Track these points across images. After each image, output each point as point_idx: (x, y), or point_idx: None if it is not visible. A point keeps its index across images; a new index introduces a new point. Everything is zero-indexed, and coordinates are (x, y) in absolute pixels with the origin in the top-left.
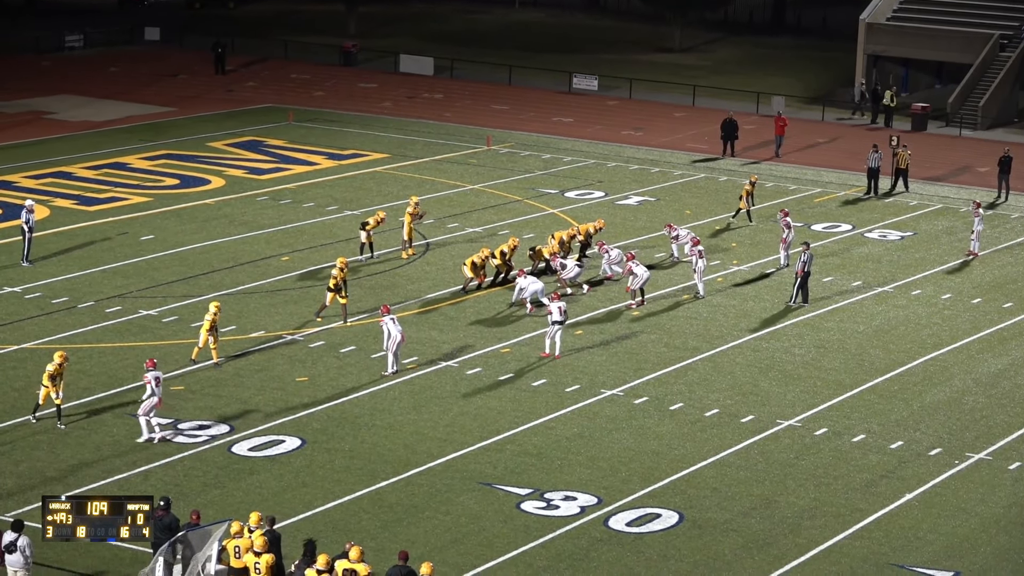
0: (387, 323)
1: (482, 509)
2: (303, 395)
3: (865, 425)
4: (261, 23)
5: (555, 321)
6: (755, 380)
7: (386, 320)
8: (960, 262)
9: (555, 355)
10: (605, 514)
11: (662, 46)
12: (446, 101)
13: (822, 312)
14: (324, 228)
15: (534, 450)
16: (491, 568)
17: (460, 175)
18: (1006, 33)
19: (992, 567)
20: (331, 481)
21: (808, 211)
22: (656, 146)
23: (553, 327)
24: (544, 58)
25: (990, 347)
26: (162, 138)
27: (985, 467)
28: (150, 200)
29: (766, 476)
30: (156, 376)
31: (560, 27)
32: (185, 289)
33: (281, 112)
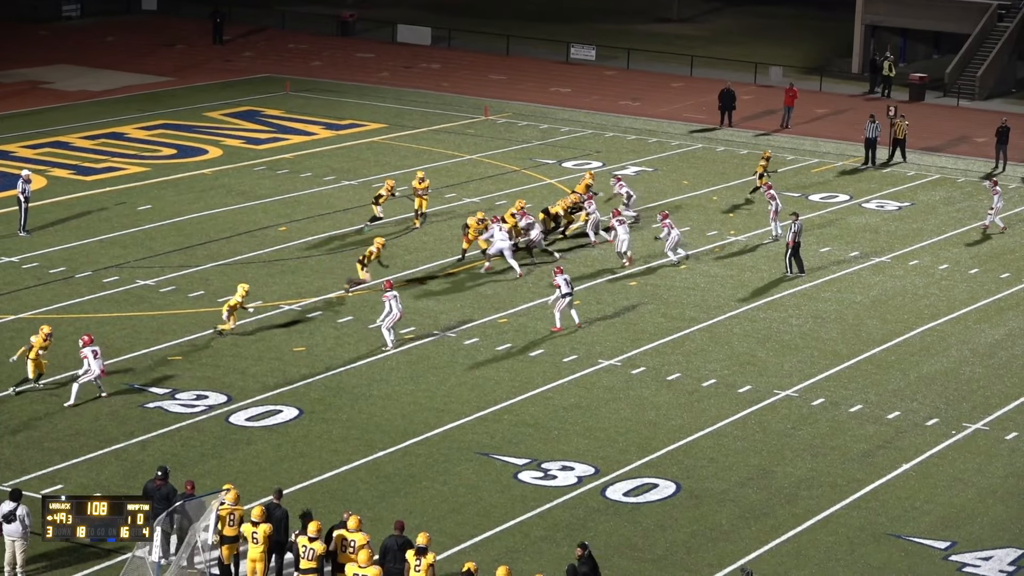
0: (389, 299)
1: (479, 479)
2: (301, 365)
3: (862, 395)
4: None
5: (565, 294)
6: (752, 350)
7: (388, 296)
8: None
9: (577, 324)
10: (602, 484)
11: (660, 16)
12: (444, 71)
13: (819, 282)
14: (321, 198)
15: (531, 420)
16: (488, 538)
17: (458, 145)
18: (1004, 3)
19: (988, 537)
20: (328, 451)
21: (806, 181)
22: (654, 116)
23: (563, 300)
24: (542, 28)
25: (987, 317)
26: (159, 108)
27: (982, 437)
28: (147, 170)
29: (763, 446)
30: (93, 351)
31: None
32: (182, 259)
33: (278, 82)
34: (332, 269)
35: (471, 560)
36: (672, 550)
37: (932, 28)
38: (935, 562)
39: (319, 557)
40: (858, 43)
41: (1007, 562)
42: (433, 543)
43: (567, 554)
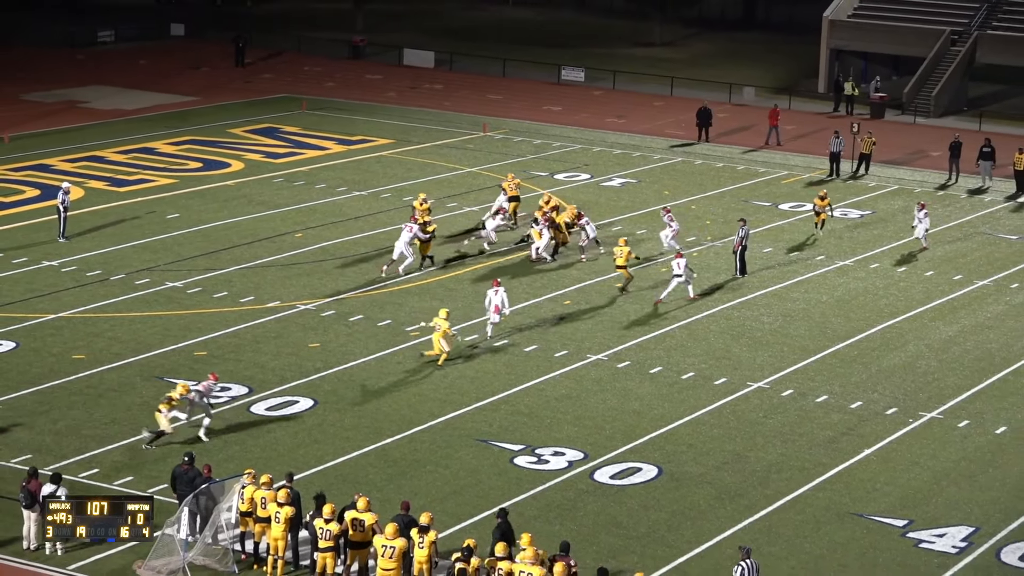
0: (490, 295)
1: (478, 463)
2: (315, 360)
3: (828, 387)
4: (276, 19)
5: (675, 275)
6: (727, 346)
7: (490, 293)
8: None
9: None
10: (591, 468)
11: (643, 41)
12: (446, 91)
13: (788, 284)
14: (334, 207)
15: (526, 410)
16: (487, 517)
17: (458, 159)
18: (956, 29)
19: (943, 516)
20: (341, 438)
21: (776, 192)
22: (637, 132)
23: (674, 280)
24: (535, 52)
25: (941, 315)
26: (186, 125)
27: (937, 425)
28: (175, 182)
29: (737, 433)
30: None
31: (550, 24)
32: (207, 263)
33: (295, 101)
34: (344, 272)
35: (471, 537)
36: (654, 528)
37: (891, 52)
38: (894, 538)
39: (335, 536)
40: (823, 66)
41: (959, 538)
42: (435, 522)
43: (559, 532)
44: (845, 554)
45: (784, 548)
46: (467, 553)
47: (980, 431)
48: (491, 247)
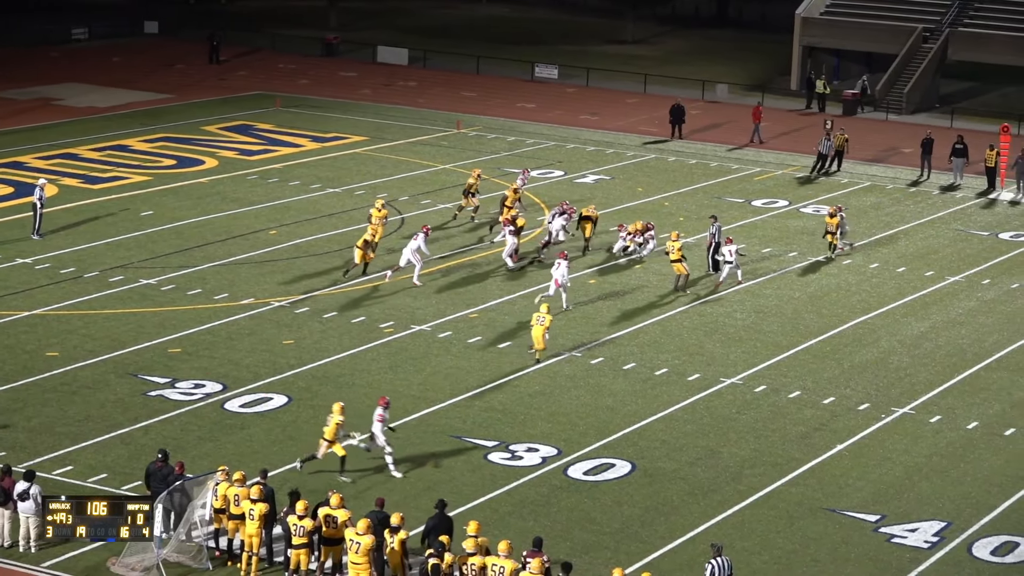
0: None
1: (453, 460)
2: (289, 356)
3: (800, 383)
4: (251, 17)
5: (727, 261)
6: (700, 342)
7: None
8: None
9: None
10: (564, 464)
11: (616, 38)
12: (420, 88)
13: (761, 280)
14: (308, 204)
15: (500, 406)
16: (461, 513)
17: (432, 156)
18: (928, 27)
19: (915, 511)
20: (315, 435)
21: (749, 188)
22: (611, 129)
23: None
24: (509, 49)
25: (913, 311)
26: (160, 122)
27: (908, 420)
28: (149, 179)
29: (710, 429)
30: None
31: (523, 21)
32: (181, 260)
33: (269, 99)
34: (318, 269)
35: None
36: (628, 524)
37: (863, 49)
38: (866, 533)
39: (309, 533)
40: (796, 63)
41: (931, 533)
42: (409, 518)
43: (533, 528)
44: (817, 549)
45: (757, 543)
46: (440, 549)
47: (952, 426)
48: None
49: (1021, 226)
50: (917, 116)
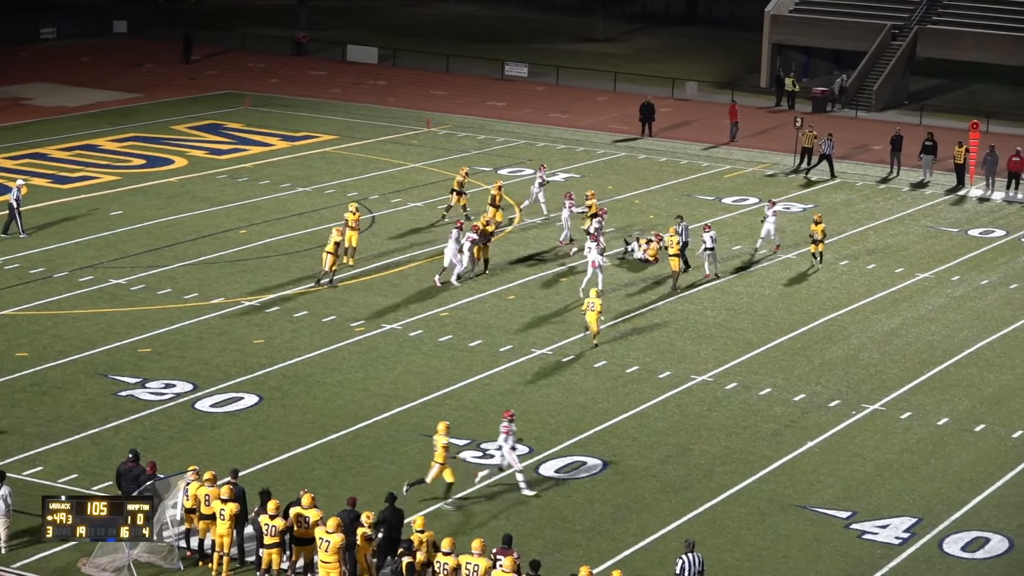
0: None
1: (424, 458)
2: (260, 356)
3: (771, 380)
4: (220, 16)
5: (707, 248)
6: (671, 339)
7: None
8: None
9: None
10: (536, 462)
11: (586, 36)
12: (390, 87)
13: (732, 278)
14: (279, 203)
15: (471, 404)
16: (433, 512)
17: (403, 155)
18: (897, 23)
19: (885, 506)
20: (286, 434)
21: (719, 186)
22: (581, 127)
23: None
24: (478, 48)
25: (883, 308)
26: (130, 122)
27: (879, 417)
28: (119, 179)
29: (682, 426)
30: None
31: (493, 20)
32: (151, 260)
33: (239, 98)
34: (288, 268)
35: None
36: (599, 521)
37: (833, 46)
38: (837, 530)
39: (280, 532)
40: (765, 60)
41: (902, 529)
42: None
43: (505, 526)
44: (789, 546)
45: (728, 540)
46: (408, 546)
47: (922, 423)
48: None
49: (990, 222)
50: (886, 113)
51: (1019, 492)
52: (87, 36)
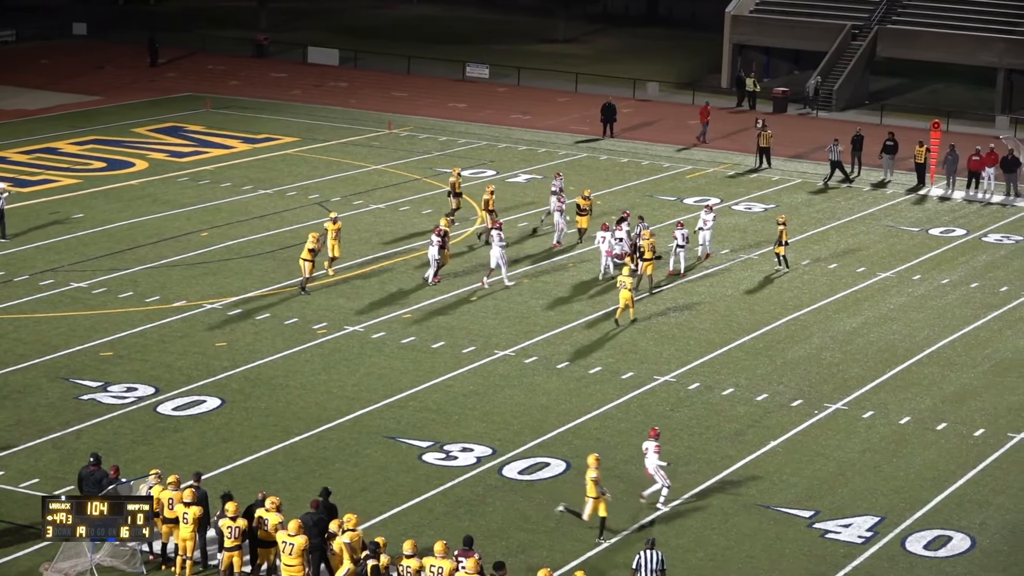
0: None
1: (387, 460)
2: (222, 359)
3: (733, 380)
4: (179, 18)
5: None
6: (634, 340)
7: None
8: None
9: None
10: (499, 463)
11: (547, 37)
12: (351, 89)
13: (694, 278)
14: (240, 206)
15: (434, 406)
16: (396, 514)
17: (364, 156)
18: (857, 23)
19: (848, 506)
20: (249, 437)
21: (680, 187)
22: (542, 128)
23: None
24: (439, 49)
25: (845, 307)
26: (90, 125)
27: (842, 416)
28: (79, 182)
29: (645, 427)
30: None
31: (454, 21)
32: (112, 263)
33: (199, 100)
34: (250, 270)
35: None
36: (563, 523)
37: (793, 47)
38: (800, 529)
39: (242, 533)
40: (726, 61)
41: (865, 528)
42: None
43: (467, 527)
44: (752, 545)
45: (691, 540)
46: (374, 548)
47: (884, 421)
48: None
49: (951, 222)
50: (847, 113)
51: (981, 490)
52: (47, 38)
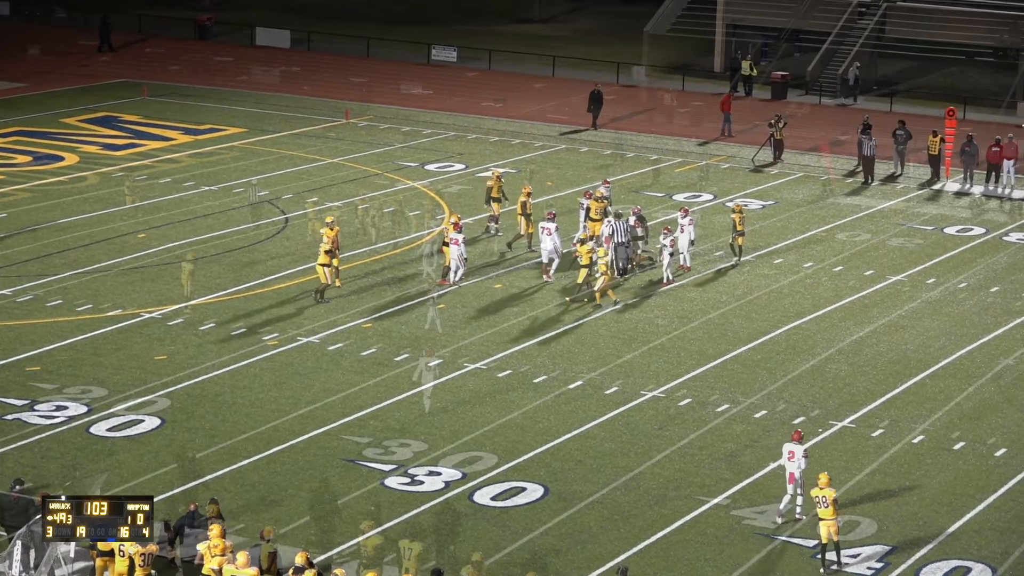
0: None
1: (346, 486)
2: (162, 373)
3: (729, 395)
4: None
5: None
6: (619, 351)
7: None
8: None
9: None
10: (470, 488)
11: (521, 16)
12: (304, 74)
13: (684, 282)
14: (181, 204)
15: (397, 425)
16: (356, 545)
17: (319, 149)
18: (864, 1)
19: (856, 534)
20: (192, 461)
21: (670, 181)
22: (516, 117)
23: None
24: (402, 30)
25: (852, 315)
26: (13, 114)
27: (849, 434)
28: (2, 178)
29: (631, 447)
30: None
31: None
32: (40, 268)
33: (135, 87)
34: (193, 275)
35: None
36: (540, 554)
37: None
38: (805, 560)
39: None
40: (719, 42)
41: (875, 559)
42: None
43: (436, 559)
44: None
45: (683, 573)
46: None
47: (896, 440)
48: None
49: (968, 219)
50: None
51: (1002, 516)
52: None
